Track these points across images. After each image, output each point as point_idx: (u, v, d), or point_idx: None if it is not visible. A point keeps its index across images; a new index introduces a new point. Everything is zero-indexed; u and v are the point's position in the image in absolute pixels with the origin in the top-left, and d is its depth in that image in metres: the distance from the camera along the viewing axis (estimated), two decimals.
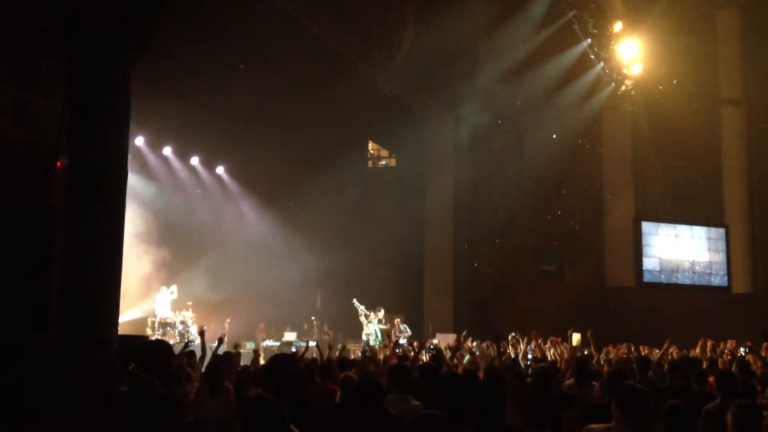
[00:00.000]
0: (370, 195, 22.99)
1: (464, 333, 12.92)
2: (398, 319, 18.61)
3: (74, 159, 9.19)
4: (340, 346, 12.11)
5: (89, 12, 8.97)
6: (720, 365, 9.52)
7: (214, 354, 8.17)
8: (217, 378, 6.28)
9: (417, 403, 5.26)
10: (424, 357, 11.15)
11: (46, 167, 8.79)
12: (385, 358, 9.06)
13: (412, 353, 10.19)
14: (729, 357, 11.79)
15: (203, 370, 7.32)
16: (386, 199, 22.77)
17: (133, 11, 9.17)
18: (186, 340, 14.78)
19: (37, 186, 8.70)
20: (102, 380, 5.29)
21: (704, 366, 8.90)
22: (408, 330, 18.41)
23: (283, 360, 5.03)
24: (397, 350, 11.42)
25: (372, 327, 17.92)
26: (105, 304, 9.64)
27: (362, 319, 18.10)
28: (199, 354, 8.38)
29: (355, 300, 18.31)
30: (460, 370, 8.04)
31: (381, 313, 18.24)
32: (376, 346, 16.16)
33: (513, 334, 13.02)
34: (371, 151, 25.80)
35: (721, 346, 13.78)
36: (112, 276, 9.93)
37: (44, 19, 8.64)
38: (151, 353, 5.14)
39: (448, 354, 9.12)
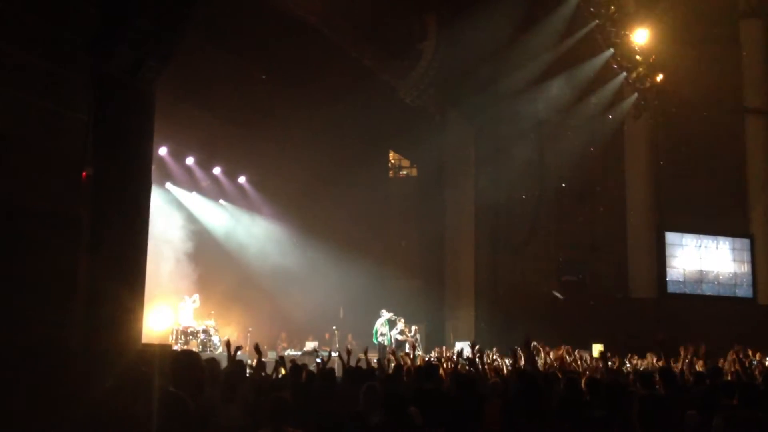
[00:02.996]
0: (391, 205, 22.96)
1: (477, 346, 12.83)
2: (416, 327, 18.59)
3: (99, 169, 9.27)
4: (360, 355, 12.08)
5: (115, 23, 9.06)
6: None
7: (230, 361, 8.15)
8: (232, 385, 6.19)
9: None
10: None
11: (71, 177, 8.86)
12: (408, 368, 9.05)
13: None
14: (760, 368, 11.65)
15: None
16: (407, 208, 22.74)
17: (159, 23, 9.25)
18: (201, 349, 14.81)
19: (63, 196, 8.76)
20: (126, 390, 5.28)
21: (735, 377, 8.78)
22: (417, 337, 18.43)
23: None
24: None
25: (387, 329, 18.05)
26: (128, 313, 9.70)
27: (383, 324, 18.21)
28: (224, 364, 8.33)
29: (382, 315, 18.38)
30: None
31: (402, 323, 18.22)
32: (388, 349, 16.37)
33: (534, 344, 12.94)
34: (392, 161, 25.81)
35: (750, 356, 13.60)
36: (136, 285, 9.99)
37: (70, 30, 8.72)
38: (179, 365, 5.06)
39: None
